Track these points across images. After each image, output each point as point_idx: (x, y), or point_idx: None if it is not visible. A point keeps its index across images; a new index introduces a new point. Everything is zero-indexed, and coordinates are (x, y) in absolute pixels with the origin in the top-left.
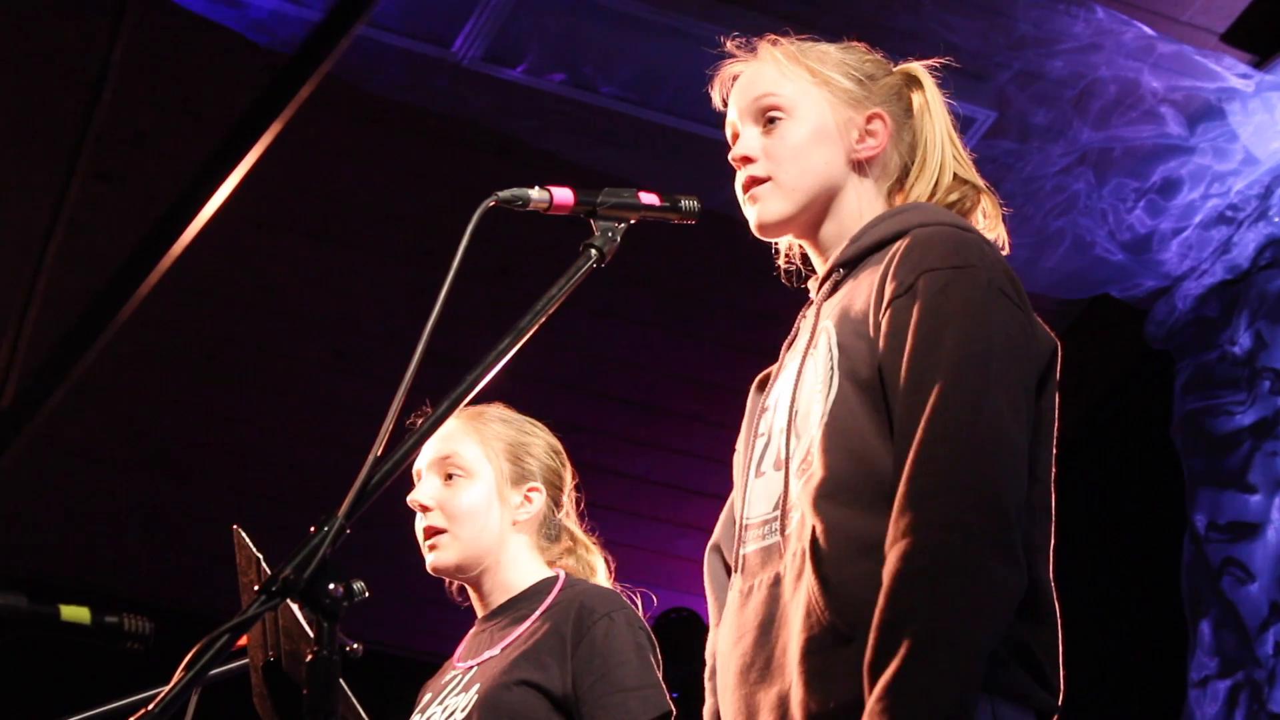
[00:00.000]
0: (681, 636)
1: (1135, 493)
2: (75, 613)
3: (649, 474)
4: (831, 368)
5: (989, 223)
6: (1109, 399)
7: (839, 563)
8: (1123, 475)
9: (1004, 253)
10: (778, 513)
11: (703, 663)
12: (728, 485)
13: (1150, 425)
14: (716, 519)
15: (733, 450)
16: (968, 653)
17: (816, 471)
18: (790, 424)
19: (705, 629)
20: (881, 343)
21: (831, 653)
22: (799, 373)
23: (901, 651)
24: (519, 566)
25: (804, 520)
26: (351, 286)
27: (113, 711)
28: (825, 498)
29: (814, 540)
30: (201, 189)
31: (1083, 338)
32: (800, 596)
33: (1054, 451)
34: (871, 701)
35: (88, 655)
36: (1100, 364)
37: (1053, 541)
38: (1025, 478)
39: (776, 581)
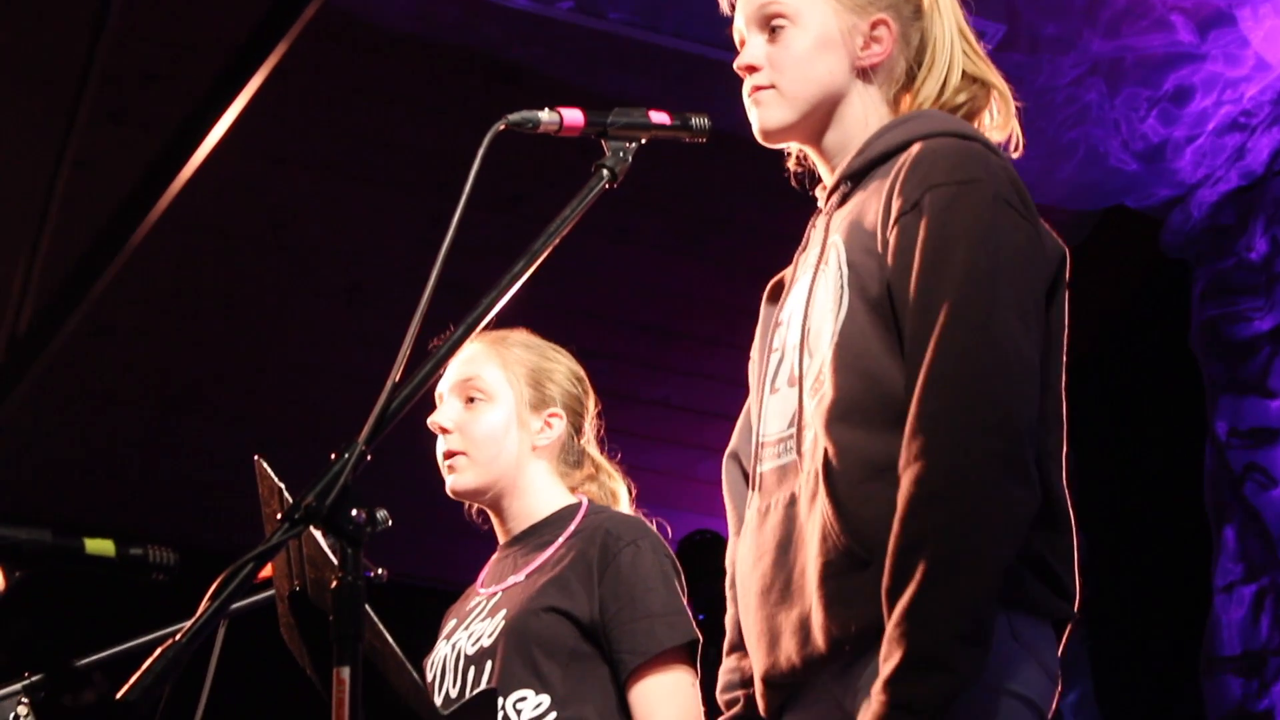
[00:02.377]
0: (705, 559)
1: (1155, 402)
2: (100, 546)
3: (669, 398)
4: (842, 286)
5: (999, 120)
6: (1126, 309)
7: (852, 485)
8: (1142, 385)
9: (1016, 154)
10: (792, 430)
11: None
12: None
13: (1168, 334)
14: None
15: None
16: (984, 573)
17: (828, 392)
18: (803, 341)
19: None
20: (889, 260)
21: (849, 577)
22: (811, 289)
23: (918, 575)
24: (540, 492)
25: (817, 441)
26: (364, 220)
27: (140, 646)
28: (837, 419)
29: (827, 462)
30: (202, 121)
31: (1099, 249)
32: (816, 518)
33: (1065, 359)
34: (891, 626)
35: (113, 592)
36: (1117, 274)
37: (1065, 448)
38: (1037, 393)
39: (792, 501)
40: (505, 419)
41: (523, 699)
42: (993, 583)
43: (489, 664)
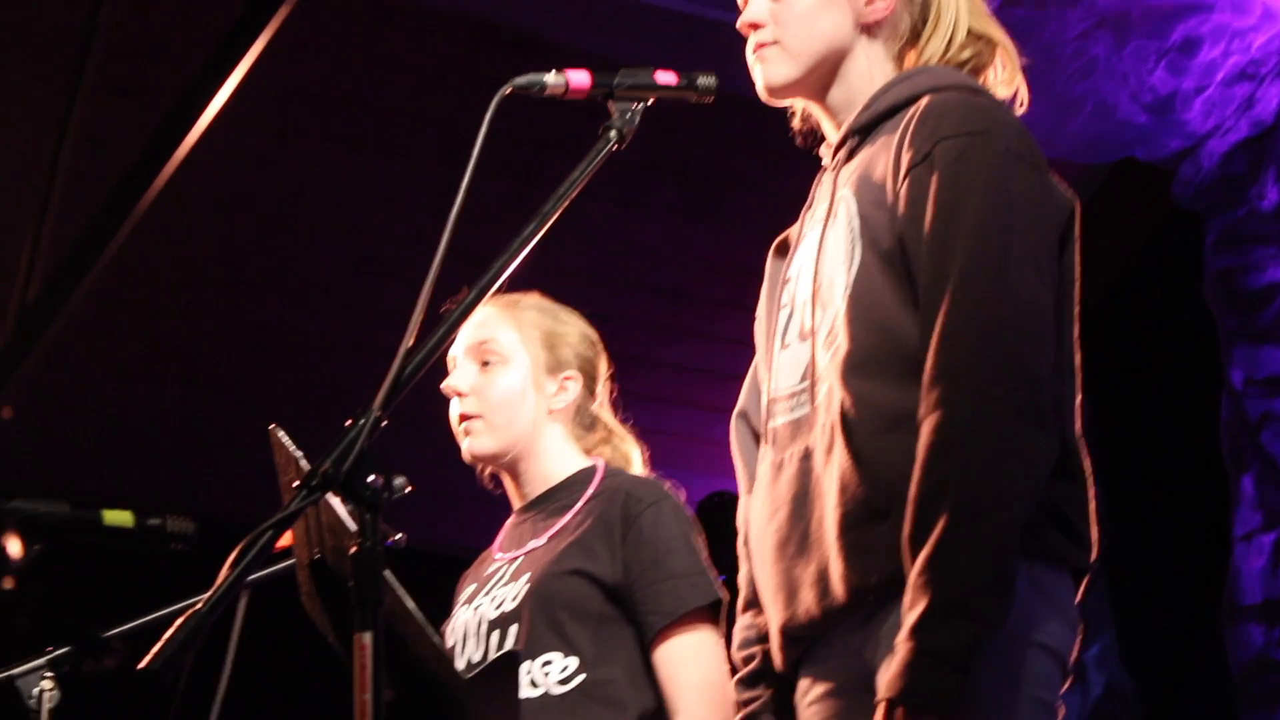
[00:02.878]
0: (724, 520)
1: (1170, 353)
2: (118, 517)
3: (682, 361)
4: (853, 239)
5: (1005, 76)
6: (1139, 262)
7: (870, 436)
8: (1156, 336)
9: (1021, 110)
10: (806, 384)
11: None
12: None
13: (1182, 286)
14: None
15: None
16: (1005, 521)
17: (842, 345)
18: (815, 295)
19: None
20: (901, 212)
21: (869, 527)
22: (820, 243)
23: (941, 523)
24: (555, 456)
25: (832, 393)
26: (374, 190)
27: (161, 619)
28: (852, 371)
29: (843, 414)
30: (204, 93)
31: (1110, 202)
32: (833, 471)
33: (1076, 309)
34: (914, 575)
35: (132, 567)
36: (1128, 227)
37: (1080, 400)
38: (1052, 342)
39: (807, 455)
40: (521, 382)
41: (549, 661)
42: (1015, 530)
43: (514, 628)
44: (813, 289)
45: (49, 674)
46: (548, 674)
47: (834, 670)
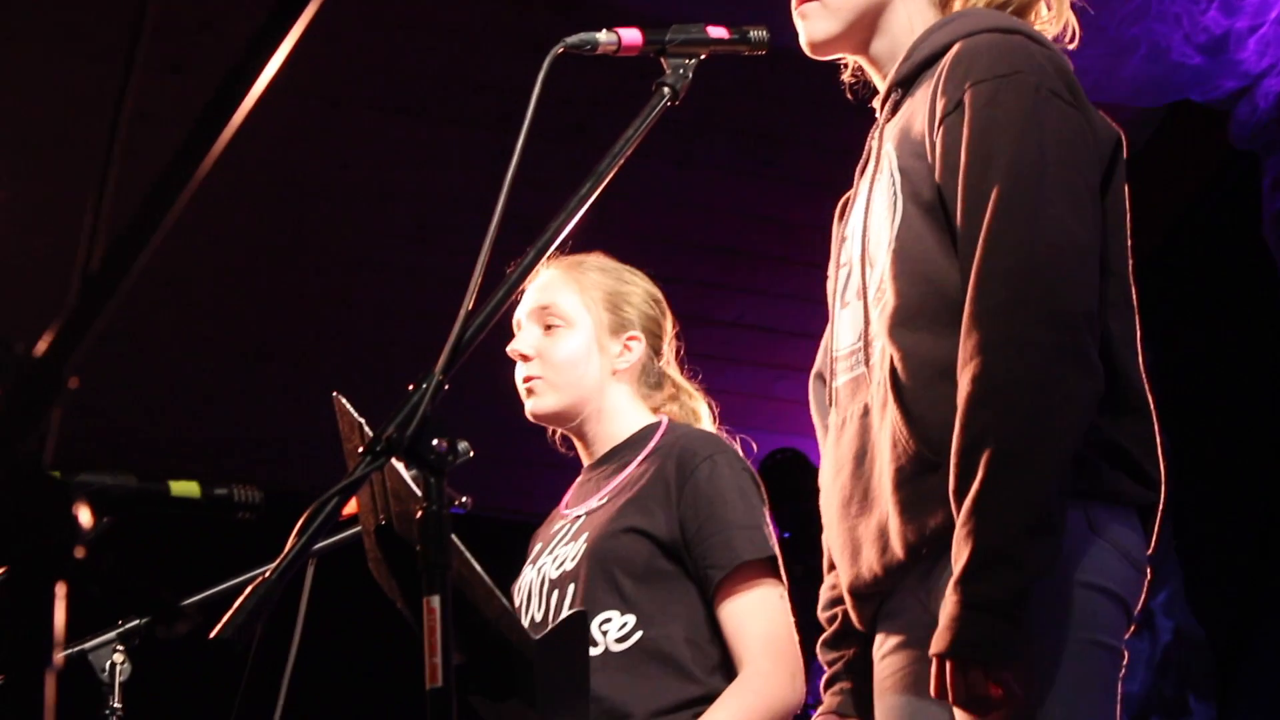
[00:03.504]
0: (788, 477)
1: (1229, 296)
2: (184, 487)
3: (742, 319)
4: (895, 192)
5: (1052, 14)
6: (1197, 205)
7: (919, 389)
8: (1216, 279)
9: (1071, 45)
10: (861, 343)
11: (812, 500)
12: (822, 324)
13: (1240, 227)
14: (813, 359)
15: (824, 288)
16: (1047, 464)
17: (889, 299)
18: (864, 253)
19: (811, 469)
20: (938, 163)
21: (921, 481)
22: (868, 200)
23: (981, 471)
24: (621, 415)
25: (884, 349)
26: (430, 158)
27: (230, 589)
28: (900, 325)
29: (893, 369)
30: (254, 65)
31: (1166, 145)
32: (886, 426)
33: (1129, 241)
34: (958, 525)
35: (198, 541)
36: (1185, 170)
37: (1138, 333)
38: (1095, 279)
39: (865, 412)
40: (585, 344)
41: (608, 620)
42: (1057, 473)
43: (572, 587)
44: (862, 246)
45: (120, 647)
46: (606, 632)
47: (903, 624)
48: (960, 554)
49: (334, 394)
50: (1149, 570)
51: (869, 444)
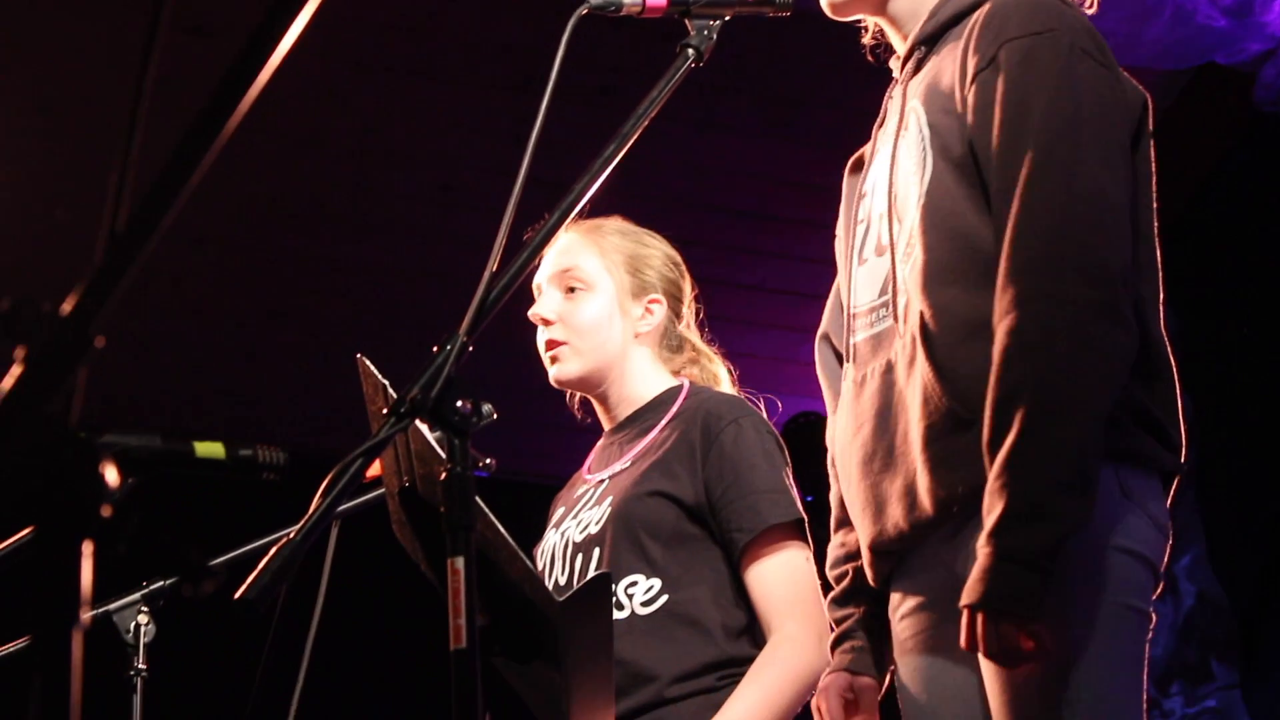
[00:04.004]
0: (810, 440)
1: (1256, 257)
2: (209, 448)
3: (764, 282)
4: (924, 148)
5: None
6: (1222, 168)
7: (951, 346)
8: (1240, 242)
9: (1090, 10)
10: (886, 298)
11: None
12: None
13: (1266, 190)
14: None
15: None
16: (1083, 419)
17: (919, 255)
18: (890, 208)
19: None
20: (970, 118)
21: (953, 438)
22: (893, 156)
23: (1016, 425)
24: (643, 378)
25: (911, 305)
26: (452, 120)
27: (251, 551)
28: (931, 281)
29: (923, 325)
30: (276, 26)
31: (1191, 108)
32: (915, 382)
33: (1155, 205)
34: (991, 478)
35: (222, 504)
36: (1211, 133)
37: (1162, 296)
38: (1129, 237)
39: (889, 368)
40: (607, 307)
41: (633, 583)
42: (1092, 429)
43: (597, 550)
44: (888, 202)
45: (145, 608)
46: (632, 595)
47: (925, 584)
48: (994, 507)
49: (358, 356)
50: (1170, 533)
51: (894, 400)
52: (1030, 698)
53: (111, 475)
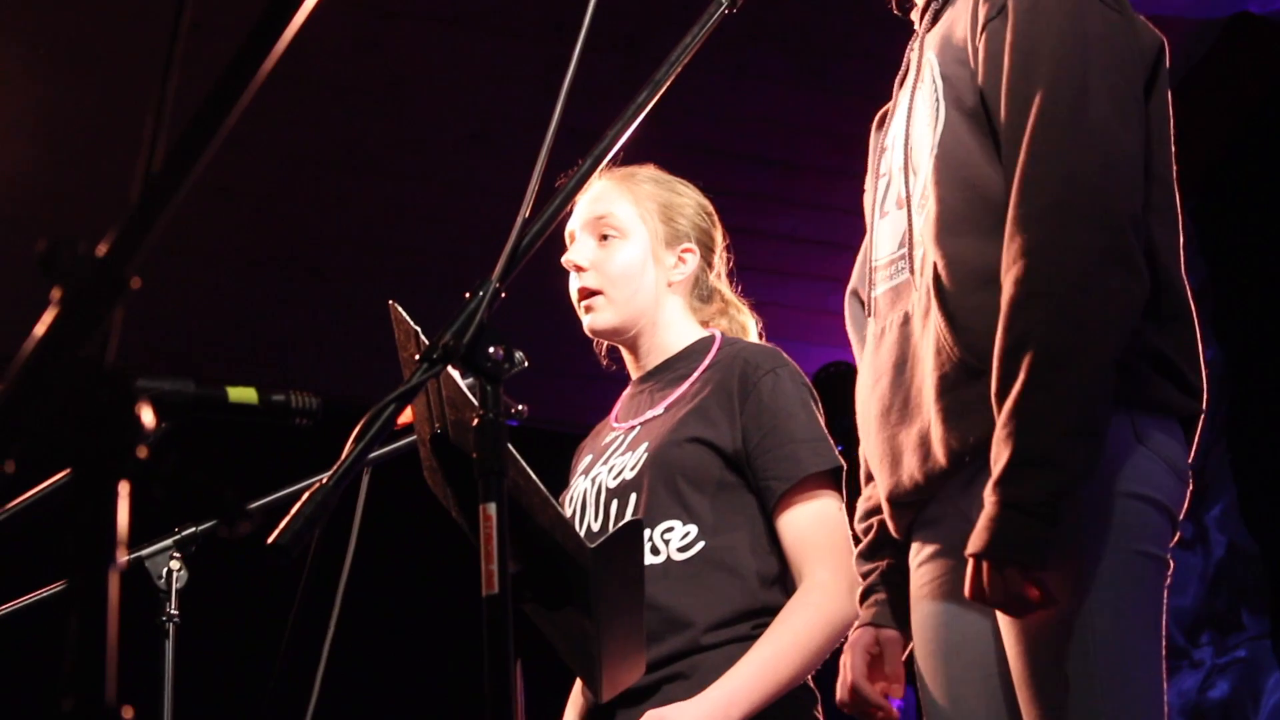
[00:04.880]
0: (840, 391)
1: None
2: (242, 394)
3: (795, 232)
4: (937, 99)
5: None
6: (1255, 116)
7: (962, 295)
8: (1274, 192)
9: None
10: (903, 251)
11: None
12: None
13: None
14: None
15: None
16: (1090, 367)
17: (932, 206)
18: (907, 160)
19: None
20: (980, 68)
21: (965, 388)
22: (910, 108)
23: (1022, 374)
24: (675, 327)
25: (926, 256)
26: (482, 69)
27: (284, 497)
28: (943, 231)
29: (936, 276)
30: None
31: (1224, 57)
32: (929, 334)
33: (1173, 147)
34: (998, 427)
35: (252, 451)
36: (1244, 83)
37: (1181, 240)
38: (1139, 181)
39: (906, 320)
40: (641, 255)
41: (670, 529)
42: (1099, 376)
43: (633, 496)
44: (905, 154)
45: (177, 554)
46: (668, 541)
47: (942, 532)
48: (1000, 455)
49: (390, 302)
50: (1190, 479)
51: (910, 352)
52: (1044, 646)
53: (148, 417)
